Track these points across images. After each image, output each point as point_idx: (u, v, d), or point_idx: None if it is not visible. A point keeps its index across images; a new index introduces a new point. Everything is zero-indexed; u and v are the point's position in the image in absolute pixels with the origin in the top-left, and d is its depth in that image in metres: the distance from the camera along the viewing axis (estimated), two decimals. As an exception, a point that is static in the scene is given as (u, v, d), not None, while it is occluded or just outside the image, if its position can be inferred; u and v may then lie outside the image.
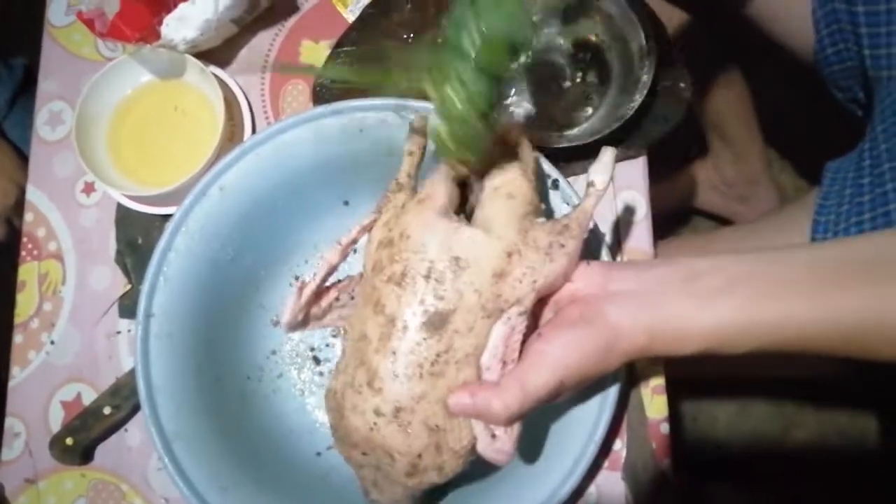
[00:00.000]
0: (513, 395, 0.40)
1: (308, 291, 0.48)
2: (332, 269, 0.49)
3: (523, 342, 0.43)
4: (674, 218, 1.31)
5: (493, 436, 0.42)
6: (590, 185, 0.47)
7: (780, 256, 0.43)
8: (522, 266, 0.42)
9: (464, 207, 0.48)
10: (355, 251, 0.52)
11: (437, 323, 0.42)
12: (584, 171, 0.63)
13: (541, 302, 0.45)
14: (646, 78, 0.59)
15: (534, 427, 0.55)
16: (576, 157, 0.62)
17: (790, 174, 1.34)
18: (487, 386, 0.41)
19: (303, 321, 0.49)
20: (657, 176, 0.65)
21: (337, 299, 0.50)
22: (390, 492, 0.46)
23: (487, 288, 0.42)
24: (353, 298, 0.51)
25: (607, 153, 0.47)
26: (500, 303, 0.42)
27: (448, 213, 0.45)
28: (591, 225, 0.47)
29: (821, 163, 0.72)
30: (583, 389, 0.48)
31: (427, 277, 0.42)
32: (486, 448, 0.42)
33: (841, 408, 1.25)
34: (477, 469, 0.48)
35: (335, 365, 0.48)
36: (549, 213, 0.54)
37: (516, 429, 0.42)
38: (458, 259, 0.42)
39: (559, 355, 0.40)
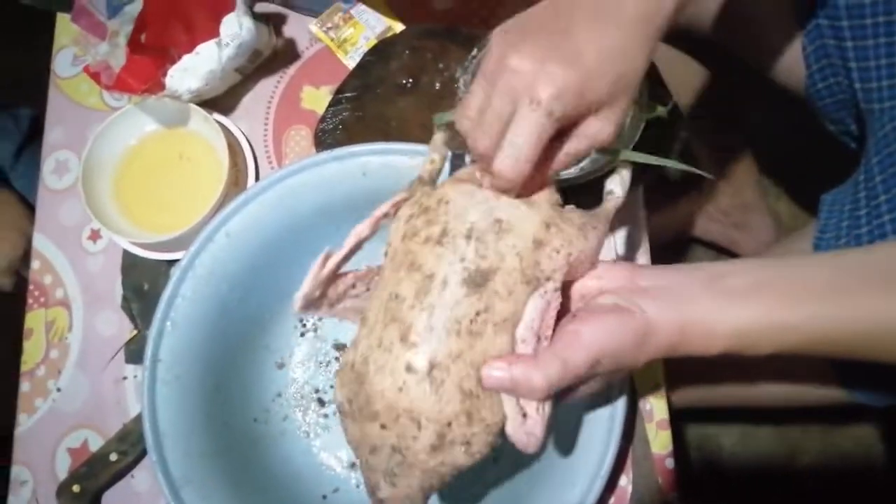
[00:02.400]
0: (554, 369, 0.39)
1: (333, 262, 0.46)
2: (361, 242, 0.47)
3: (556, 322, 0.43)
4: (672, 247, 1.32)
5: (525, 416, 0.41)
6: (608, 193, 0.48)
7: (803, 261, 0.44)
8: (560, 238, 0.43)
9: None
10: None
11: (478, 280, 0.41)
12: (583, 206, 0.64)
13: (566, 292, 0.45)
14: (640, 117, 0.60)
15: (539, 463, 0.56)
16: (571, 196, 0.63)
17: (786, 201, 1.36)
18: (526, 358, 0.40)
19: (318, 300, 0.47)
20: (653, 207, 0.66)
21: (353, 287, 0.48)
22: (405, 483, 0.43)
23: (528, 254, 0.42)
24: (368, 290, 0.49)
25: (625, 171, 0.49)
26: (537, 271, 0.42)
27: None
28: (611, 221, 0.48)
29: (815, 189, 0.73)
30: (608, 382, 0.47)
31: (468, 238, 0.42)
32: (516, 429, 0.40)
33: (845, 433, 1.25)
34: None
35: (349, 344, 0.46)
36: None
37: (548, 411, 0.41)
38: (501, 221, 0.42)
39: (597, 336, 0.40)
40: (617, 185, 0.49)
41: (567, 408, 0.47)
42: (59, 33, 0.75)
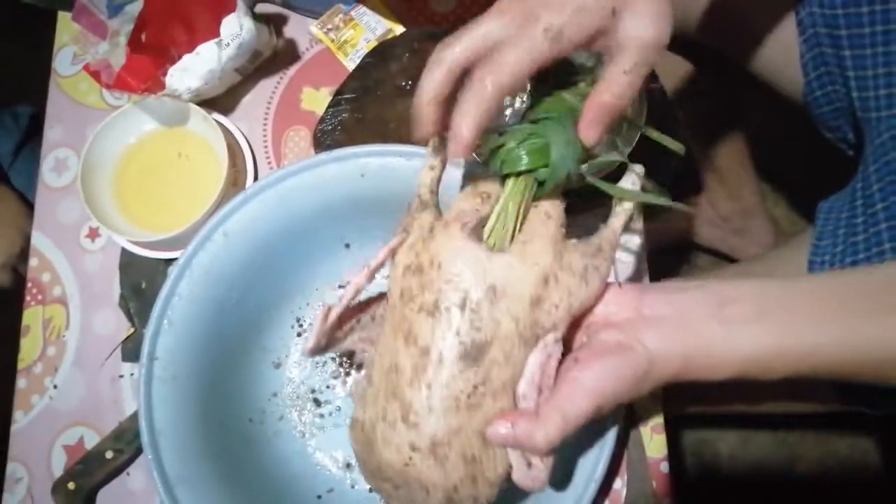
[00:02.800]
0: (554, 425, 0.39)
1: (334, 315, 0.47)
2: (359, 292, 0.47)
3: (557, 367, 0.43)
4: (672, 252, 1.32)
5: (529, 464, 0.42)
6: (617, 204, 0.47)
7: (808, 285, 0.43)
8: (559, 291, 0.42)
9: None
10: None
11: (474, 354, 0.41)
12: (582, 212, 0.64)
13: (572, 325, 0.44)
14: (640, 123, 0.60)
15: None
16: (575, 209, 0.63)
17: (784, 207, 1.36)
18: (527, 415, 0.40)
19: (326, 345, 0.48)
20: (653, 212, 0.66)
21: (357, 321, 0.49)
22: None
23: (525, 315, 0.41)
24: (373, 319, 0.50)
25: (634, 172, 0.47)
26: (536, 329, 0.42)
27: (478, 234, 0.44)
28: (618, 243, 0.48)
29: (814, 193, 0.73)
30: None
31: (462, 308, 0.41)
32: (522, 477, 0.42)
33: (844, 439, 1.25)
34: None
35: (358, 392, 0.46)
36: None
37: (551, 457, 0.42)
38: (495, 287, 0.41)
39: (597, 383, 0.40)
40: (628, 182, 0.47)
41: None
42: (60, 32, 0.76)
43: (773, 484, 1.24)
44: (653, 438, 0.60)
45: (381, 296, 0.49)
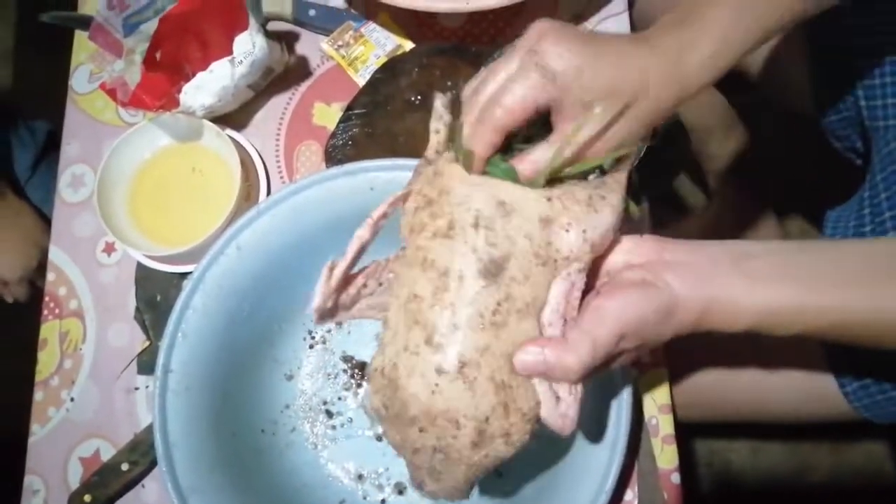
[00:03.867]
0: (585, 348, 0.39)
1: (339, 272, 0.45)
2: (363, 247, 0.46)
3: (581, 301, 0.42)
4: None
5: (558, 398, 0.40)
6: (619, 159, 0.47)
7: (832, 246, 0.44)
8: (566, 214, 0.41)
9: None
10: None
11: (493, 270, 0.40)
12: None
13: (593, 267, 0.44)
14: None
15: (544, 477, 0.56)
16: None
17: (794, 218, 1.36)
18: (557, 341, 0.40)
19: (332, 310, 0.47)
20: (660, 226, 0.67)
21: (364, 286, 0.47)
22: (450, 477, 0.43)
23: (537, 234, 0.41)
24: (381, 285, 0.48)
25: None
26: (552, 251, 0.41)
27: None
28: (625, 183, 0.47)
29: (824, 205, 0.73)
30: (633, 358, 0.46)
31: (476, 226, 0.41)
32: (550, 412, 0.40)
33: (856, 448, 1.24)
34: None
35: (378, 343, 0.44)
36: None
37: (580, 391, 0.41)
38: (504, 203, 0.41)
39: (621, 311, 0.40)
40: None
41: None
42: (77, 50, 0.77)
43: (785, 494, 1.23)
44: (663, 449, 0.60)
45: (388, 261, 0.47)
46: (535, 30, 0.43)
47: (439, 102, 0.48)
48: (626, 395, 0.53)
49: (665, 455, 0.60)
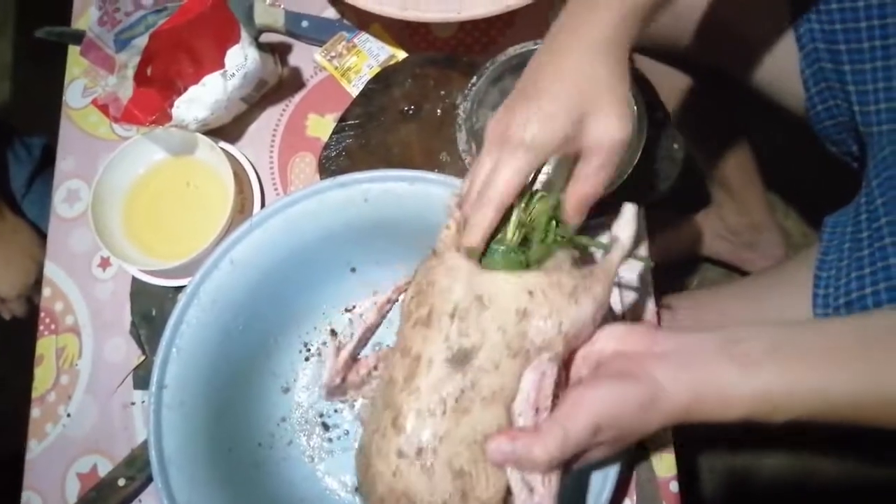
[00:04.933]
0: (553, 438, 0.39)
1: (345, 352, 0.49)
2: (371, 329, 0.50)
3: (557, 394, 0.43)
4: (682, 266, 1.31)
5: (531, 490, 0.41)
6: (614, 240, 0.48)
7: (822, 324, 0.44)
8: (546, 306, 0.43)
9: None
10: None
11: (460, 358, 0.42)
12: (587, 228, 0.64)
13: (572, 356, 0.45)
14: (640, 141, 0.61)
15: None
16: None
17: (795, 219, 1.35)
18: (527, 431, 0.40)
19: (340, 386, 0.50)
20: (662, 226, 0.66)
21: (375, 368, 0.51)
22: None
23: (511, 327, 0.42)
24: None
25: (628, 210, 0.49)
26: (526, 343, 0.42)
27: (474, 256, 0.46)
28: (616, 278, 0.48)
29: (824, 205, 0.73)
30: (616, 451, 0.46)
31: (452, 316, 0.43)
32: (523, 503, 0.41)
33: (860, 456, 1.23)
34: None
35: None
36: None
37: (554, 483, 0.41)
38: (481, 297, 0.43)
39: (599, 401, 0.40)
40: (623, 229, 0.48)
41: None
42: (71, 65, 0.78)
43: (790, 499, 1.22)
44: (662, 457, 0.60)
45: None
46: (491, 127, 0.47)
47: (452, 200, 0.51)
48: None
49: (663, 463, 0.60)
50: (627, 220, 0.48)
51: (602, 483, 0.52)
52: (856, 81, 0.63)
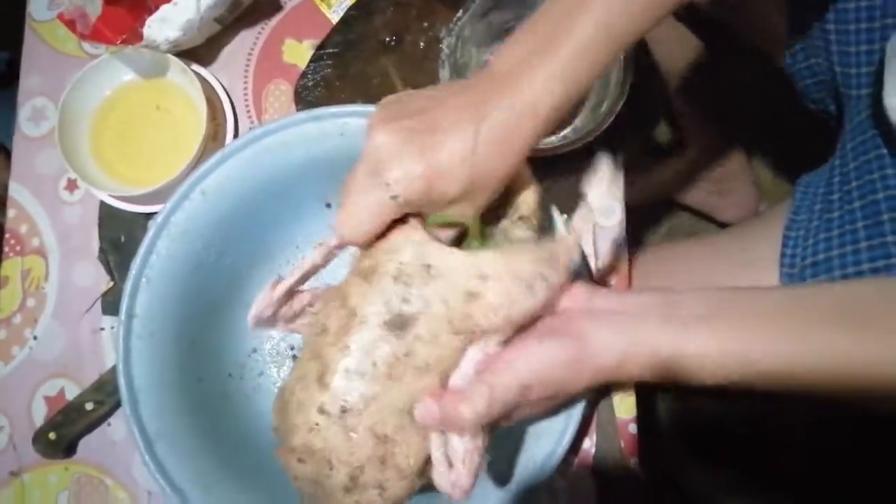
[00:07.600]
0: (480, 396, 0.39)
1: (281, 289, 0.46)
2: (312, 270, 0.47)
3: None
4: (653, 210, 1.32)
5: (450, 465, 0.40)
6: (584, 207, 0.48)
7: (760, 293, 0.43)
8: (500, 295, 0.41)
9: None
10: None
11: (398, 324, 0.40)
12: (565, 173, 0.64)
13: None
14: (619, 86, 0.60)
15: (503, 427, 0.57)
16: (558, 163, 0.63)
17: (768, 169, 1.36)
18: (454, 392, 0.40)
19: (270, 319, 0.48)
20: (634, 169, 0.66)
21: (311, 305, 0.49)
22: None
23: (458, 304, 0.41)
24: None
25: (604, 164, 0.47)
26: (470, 324, 0.41)
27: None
28: (577, 259, 0.46)
29: (799, 158, 0.73)
30: (551, 409, 0.47)
31: (396, 278, 0.41)
32: (440, 478, 0.40)
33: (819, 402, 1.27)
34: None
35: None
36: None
37: (475, 460, 0.40)
38: (430, 267, 0.41)
39: (522, 360, 0.40)
40: (593, 188, 0.47)
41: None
42: (35, -27, 0.73)
43: (746, 440, 1.27)
44: (623, 400, 0.62)
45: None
46: (372, 120, 0.44)
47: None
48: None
49: (624, 405, 0.61)
50: (600, 178, 0.47)
51: (565, 423, 0.54)
52: (839, 41, 0.62)
